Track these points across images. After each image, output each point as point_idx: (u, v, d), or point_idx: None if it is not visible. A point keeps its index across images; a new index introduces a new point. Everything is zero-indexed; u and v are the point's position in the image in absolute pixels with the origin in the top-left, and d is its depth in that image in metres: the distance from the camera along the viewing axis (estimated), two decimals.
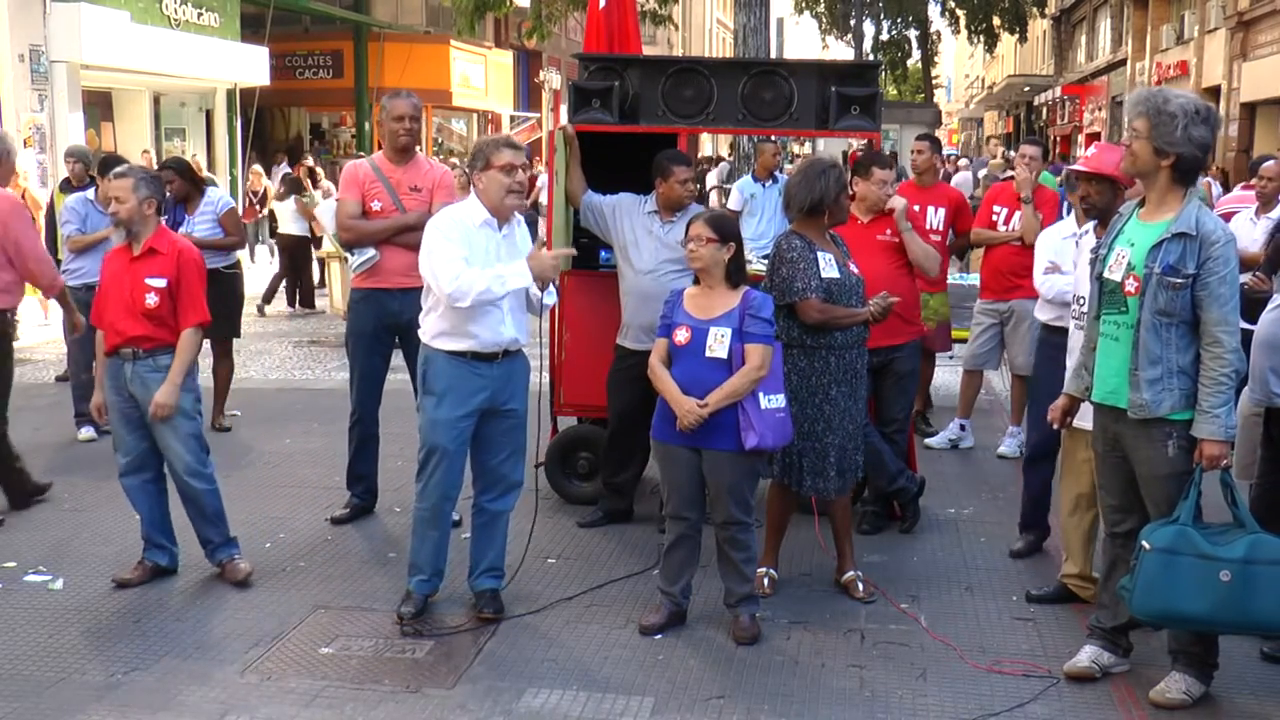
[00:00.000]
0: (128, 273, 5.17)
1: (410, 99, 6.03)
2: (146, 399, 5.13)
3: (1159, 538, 4.01)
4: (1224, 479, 4.07)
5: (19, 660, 4.51)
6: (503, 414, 4.83)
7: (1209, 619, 4.00)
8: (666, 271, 5.72)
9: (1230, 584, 3.92)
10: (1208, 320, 4.00)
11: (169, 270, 5.15)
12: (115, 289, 5.18)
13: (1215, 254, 3.99)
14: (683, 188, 5.75)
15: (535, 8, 18.53)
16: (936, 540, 5.97)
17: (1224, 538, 4.00)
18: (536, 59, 33.12)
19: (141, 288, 5.12)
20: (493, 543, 4.96)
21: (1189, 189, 4.16)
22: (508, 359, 4.81)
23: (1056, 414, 4.56)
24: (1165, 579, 3.97)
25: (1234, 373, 4.00)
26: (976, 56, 62.70)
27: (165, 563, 5.35)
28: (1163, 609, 4.03)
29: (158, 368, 5.15)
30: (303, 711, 4.12)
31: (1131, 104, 4.23)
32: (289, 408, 8.78)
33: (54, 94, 15.96)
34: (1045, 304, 5.64)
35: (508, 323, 4.74)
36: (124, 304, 5.13)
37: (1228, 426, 3.99)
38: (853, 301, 5.09)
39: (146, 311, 5.12)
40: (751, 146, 12.74)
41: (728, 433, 4.58)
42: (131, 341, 5.14)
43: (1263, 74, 21.61)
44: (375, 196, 5.92)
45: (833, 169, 5.17)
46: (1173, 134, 4.04)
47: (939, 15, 41.93)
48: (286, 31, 23.95)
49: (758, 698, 4.26)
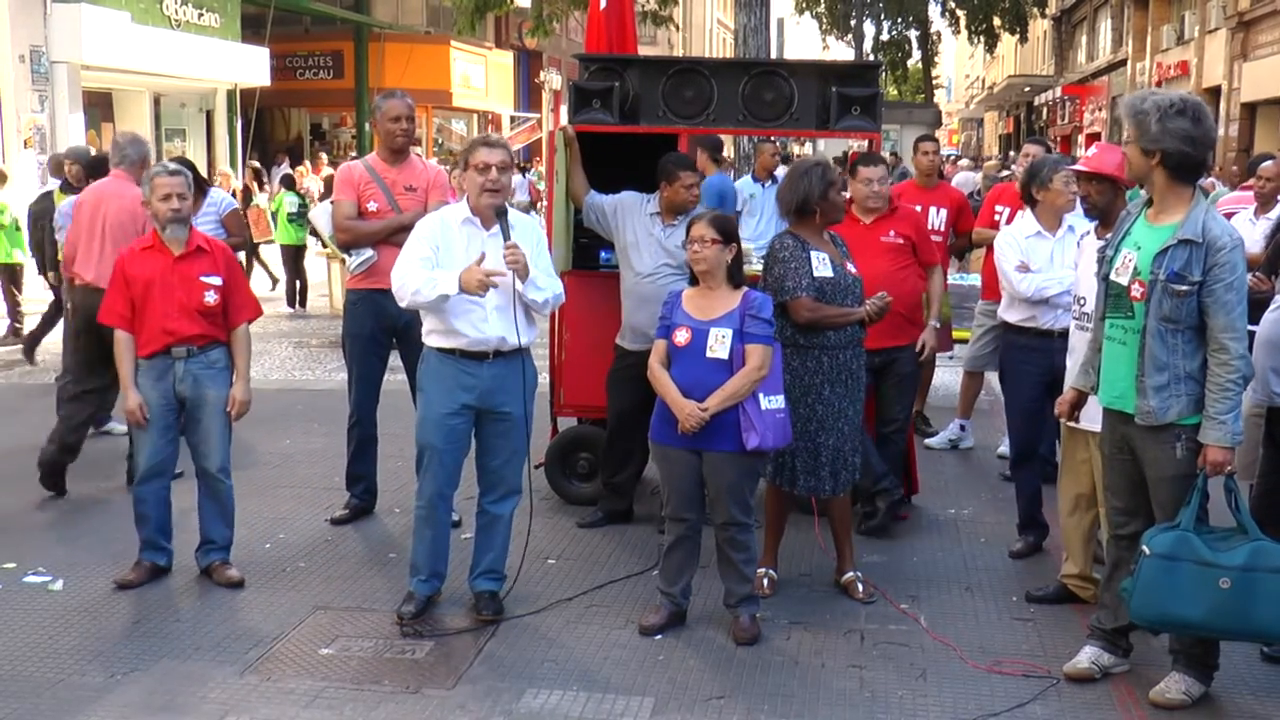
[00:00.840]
0: (174, 272, 5.14)
1: (404, 99, 6.03)
2: (198, 397, 5.19)
3: (1159, 543, 4.00)
4: (1228, 484, 4.04)
5: (19, 661, 4.51)
6: (497, 416, 4.80)
7: (1207, 625, 4.00)
8: (665, 275, 5.72)
9: (1230, 591, 3.90)
10: (1214, 327, 3.97)
11: (221, 268, 5.24)
12: (162, 288, 5.12)
13: (1222, 260, 3.95)
14: (687, 192, 5.74)
15: (536, 7, 18.53)
16: (936, 540, 5.97)
17: (1225, 544, 3.98)
18: (537, 59, 33.14)
19: (198, 286, 5.15)
20: (491, 545, 4.95)
21: (1195, 189, 4.12)
22: (502, 360, 4.76)
23: (1064, 407, 4.55)
24: (1163, 584, 3.96)
25: (1241, 379, 3.98)
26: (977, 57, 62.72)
27: (164, 563, 5.35)
28: (1160, 614, 4.02)
29: (210, 364, 5.21)
30: (303, 712, 4.12)
31: (1120, 111, 4.24)
32: (289, 408, 8.77)
33: (54, 95, 15.96)
34: (1017, 304, 5.65)
35: (492, 321, 4.69)
36: (177, 304, 5.12)
37: (1234, 433, 3.97)
38: (848, 301, 5.07)
39: (205, 310, 5.16)
40: (751, 147, 12.74)
41: (728, 434, 4.58)
42: (186, 340, 5.15)
43: (1263, 74, 21.60)
44: (371, 197, 5.92)
45: (816, 168, 5.15)
46: (1149, 130, 4.02)
47: (939, 15, 41.94)
48: (287, 32, 23.97)
49: (758, 698, 4.25)
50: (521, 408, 4.84)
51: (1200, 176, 4.27)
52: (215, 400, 5.23)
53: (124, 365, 5.18)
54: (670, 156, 5.82)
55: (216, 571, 5.31)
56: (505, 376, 4.78)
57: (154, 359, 5.15)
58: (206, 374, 5.20)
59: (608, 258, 6.47)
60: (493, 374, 4.76)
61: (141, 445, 5.25)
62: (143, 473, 5.25)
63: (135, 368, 5.17)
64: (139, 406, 5.14)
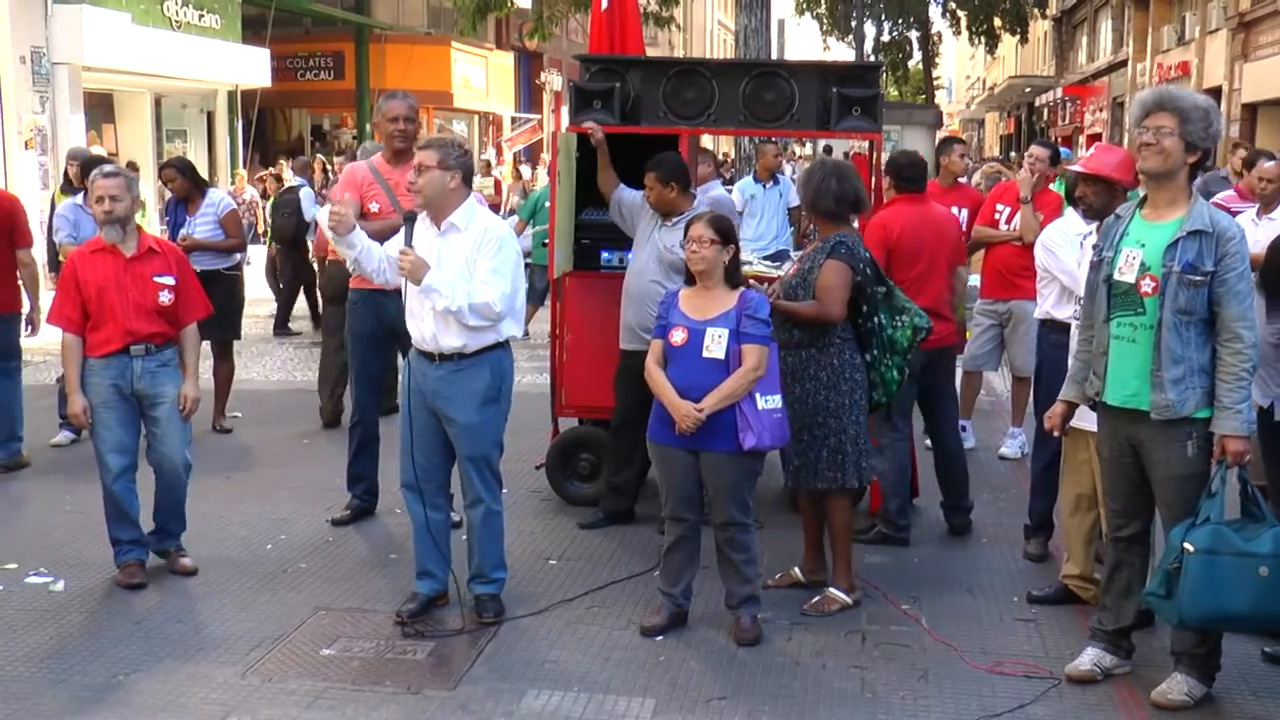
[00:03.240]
0: (127, 273, 5.22)
1: (405, 99, 6.03)
2: (155, 394, 5.27)
3: (1198, 539, 3.95)
4: (1242, 475, 4.05)
5: (20, 662, 4.52)
6: (446, 419, 4.80)
7: (1253, 615, 3.97)
8: (652, 273, 5.73)
9: (1269, 578, 3.90)
10: (1227, 316, 3.99)
11: (172, 268, 5.34)
12: (116, 290, 5.20)
13: (1232, 250, 3.99)
14: (650, 194, 5.75)
15: (536, 9, 18.54)
16: (937, 541, 5.97)
17: (1248, 533, 3.98)
18: (538, 60, 33.12)
19: (152, 287, 5.25)
20: (476, 548, 4.93)
21: (1194, 186, 4.17)
22: (450, 364, 4.73)
23: (1055, 421, 4.51)
24: (1211, 580, 3.92)
25: (1252, 368, 4.02)
26: (977, 57, 62.64)
27: (146, 556, 5.43)
28: (1213, 610, 3.97)
29: (165, 362, 5.32)
30: (304, 713, 4.12)
31: (1152, 102, 4.14)
32: (290, 409, 8.77)
33: (55, 96, 15.94)
34: (1072, 301, 5.30)
35: (428, 320, 4.71)
36: (133, 304, 5.21)
37: (1249, 421, 4.00)
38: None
39: (160, 309, 5.26)
40: (753, 147, 12.74)
41: (726, 434, 4.58)
42: (145, 339, 5.23)
43: (1264, 75, 21.57)
44: (373, 198, 5.92)
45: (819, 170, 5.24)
46: (1203, 130, 4.04)
47: (940, 16, 41.90)
48: (288, 33, 23.95)
49: (759, 699, 4.25)
50: (466, 415, 4.76)
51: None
52: (172, 396, 5.32)
53: (70, 368, 5.25)
54: (654, 158, 5.81)
55: (171, 559, 5.45)
56: (450, 381, 4.75)
57: (112, 358, 5.22)
58: (163, 371, 5.31)
59: (608, 258, 6.48)
60: (439, 376, 4.76)
61: (108, 446, 5.28)
62: (116, 472, 5.29)
63: (82, 371, 5.23)
64: (83, 410, 5.22)
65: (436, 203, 4.70)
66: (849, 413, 4.99)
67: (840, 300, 4.95)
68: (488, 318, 4.66)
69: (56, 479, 6.93)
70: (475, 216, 4.77)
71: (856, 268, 4.98)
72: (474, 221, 4.75)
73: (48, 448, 7.58)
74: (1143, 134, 4.11)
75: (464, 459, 4.83)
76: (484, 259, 4.67)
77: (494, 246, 4.70)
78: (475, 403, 4.76)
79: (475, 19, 18.43)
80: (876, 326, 5.08)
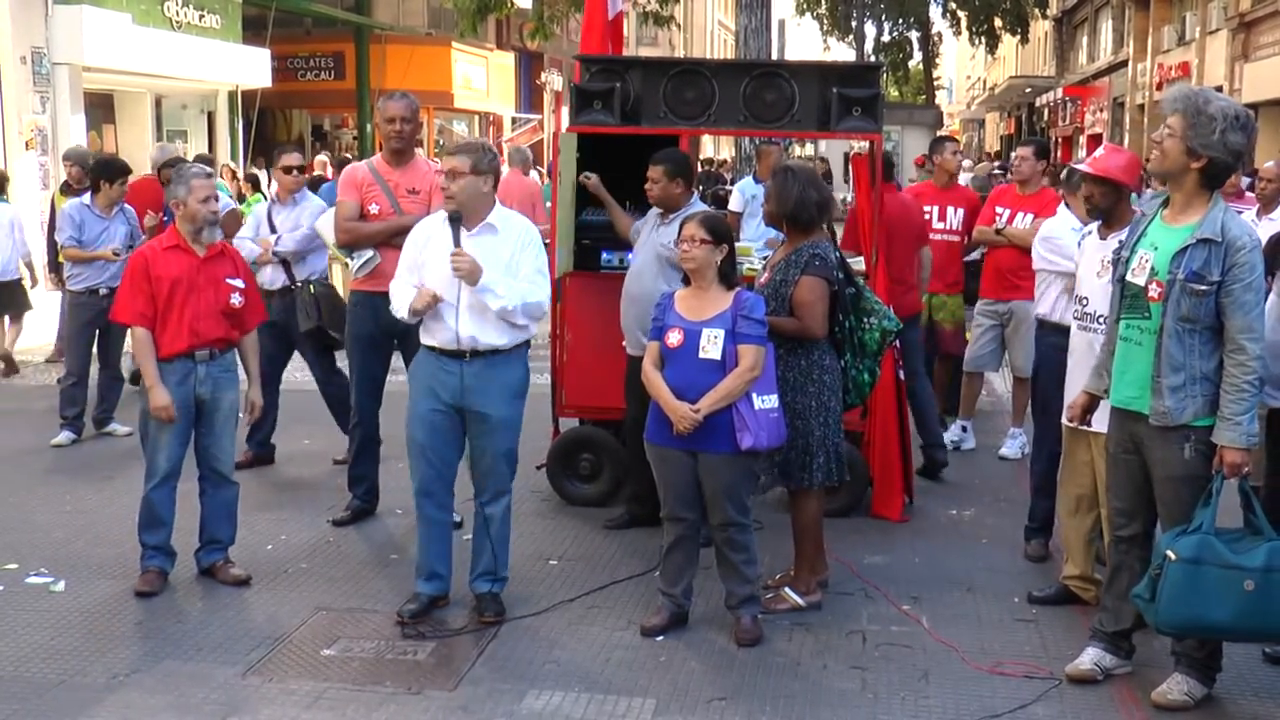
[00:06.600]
0: (201, 273, 5.14)
1: (404, 100, 5.99)
2: (215, 400, 5.23)
3: (1183, 547, 3.94)
4: (1242, 486, 4.01)
5: (21, 662, 4.52)
6: (476, 416, 4.80)
7: (1234, 628, 3.96)
8: (649, 273, 5.72)
9: (1254, 593, 3.87)
10: (1232, 327, 3.95)
11: (240, 271, 5.31)
12: (188, 289, 5.09)
13: (1241, 260, 3.92)
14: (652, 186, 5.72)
15: (537, 9, 18.54)
16: (938, 541, 5.97)
17: (1242, 545, 3.95)
18: (538, 61, 33.11)
19: (225, 288, 5.19)
20: (484, 546, 4.94)
21: (1216, 192, 4.08)
22: (481, 360, 4.75)
23: (1076, 411, 4.52)
24: (1191, 589, 3.91)
25: (1257, 380, 3.96)
26: (978, 58, 62.66)
27: (170, 568, 5.33)
28: (1189, 619, 3.96)
29: (226, 367, 5.28)
30: (304, 713, 4.12)
31: (1169, 100, 4.11)
32: (290, 409, 8.75)
33: (56, 96, 15.94)
34: (1067, 305, 5.33)
35: (464, 320, 4.70)
36: (205, 304, 5.12)
37: (1249, 434, 3.95)
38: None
39: (230, 311, 5.20)
40: (753, 148, 12.73)
41: (723, 435, 4.58)
42: (211, 343, 5.17)
43: (1264, 75, 21.58)
44: (373, 199, 5.91)
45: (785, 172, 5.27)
46: (1209, 136, 3.96)
47: (940, 17, 41.91)
48: (288, 33, 23.94)
49: (760, 699, 4.25)
50: (501, 410, 4.80)
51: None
52: (230, 403, 5.28)
53: (148, 363, 5.09)
54: (660, 152, 5.80)
55: (221, 571, 5.31)
56: (485, 377, 4.76)
57: (175, 361, 5.10)
58: (224, 377, 5.26)
59: (608, 259, 6.48)
60: (471, 373, 4.76)
61: (158, 448, 5.15)
62: (161, 476, 5.17)
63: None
64: (166, 407, 5.05)
65: (470, 206, 4.74)
66: (816, 414, 4.96)
67: (820, 315, 4.94)
68: (535, 317, 4.81)
69: (57, 479, 6.93)
70: (509, 216, 4.87)
71: (832, 278, 4.98)
72: (509, 222, 4.84)
73: (48, 448, 7.57)
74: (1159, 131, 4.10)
75: (493, 454, 4.85)
76: (528, 259, 4.79)
77: (536, 247, 4.84)
78: (509, 395, 4.84)
79: (475, 20, 18.43)
80: (848, 330, 5.09)
